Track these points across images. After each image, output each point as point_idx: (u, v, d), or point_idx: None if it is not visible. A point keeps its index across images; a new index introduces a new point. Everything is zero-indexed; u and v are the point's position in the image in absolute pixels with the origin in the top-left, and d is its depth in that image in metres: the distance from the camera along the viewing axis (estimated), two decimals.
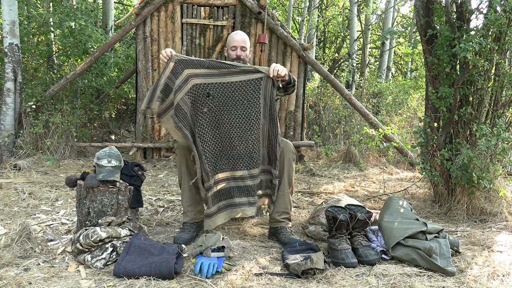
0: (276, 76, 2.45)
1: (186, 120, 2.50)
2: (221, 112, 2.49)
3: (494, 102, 3.30)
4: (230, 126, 2.50)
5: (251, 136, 2.51)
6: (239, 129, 2.50)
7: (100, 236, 2.21)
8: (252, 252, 2.42)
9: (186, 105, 2.49)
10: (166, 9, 5.28)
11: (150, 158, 5.50)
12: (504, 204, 3.14)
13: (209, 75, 2.49)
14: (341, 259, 2.22)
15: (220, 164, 2.53)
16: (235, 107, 2.50)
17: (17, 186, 3.82)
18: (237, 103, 2.49)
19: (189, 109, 2.50)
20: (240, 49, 2.72)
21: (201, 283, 1.99)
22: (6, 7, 5.13)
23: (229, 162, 2.53)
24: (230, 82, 2.49)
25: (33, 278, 1.99)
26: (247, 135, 2.51)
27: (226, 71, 2.49)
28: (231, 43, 2.73)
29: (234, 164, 2.53)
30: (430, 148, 3.35)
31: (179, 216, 3.15)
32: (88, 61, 5.43)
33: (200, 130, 2.49)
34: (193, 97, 2.49)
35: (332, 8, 12.82)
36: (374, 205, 3.54)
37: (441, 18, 3.27)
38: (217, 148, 2.51)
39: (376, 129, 4.86)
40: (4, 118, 5.16)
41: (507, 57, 3.26)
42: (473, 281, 2.05)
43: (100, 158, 2.56)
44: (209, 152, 2.50)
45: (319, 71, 5.64)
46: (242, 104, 2.50)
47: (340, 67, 11.12)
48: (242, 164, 2.53)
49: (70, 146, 5.30)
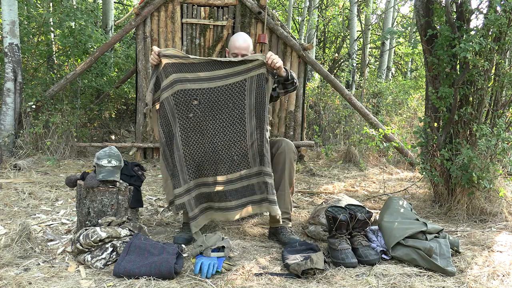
0: (270, 64, 2.42)
1: (164, 119, 2.53)
2: (206, 117, 2.49)
3: (494, 102, 3.30)
4: (214, 131, 2.49)
5: (235, 140, 2.50)
6: (223, 134, 2.50)
7: (100, 236, 2.21)
8: (252, 252, 2.42)
9: (169, 105, 2.50)
10: (166, 9, 5.28)
11: (150, 158, 5.50)
12: (504, 204, 3.14)
13: (197, 80, 2.48)
14: (341, 259, 2.22)
15: (202, 169, 2.52)
16: (220, 112, 2.49)
17: (17, 186, 3.82)
18: (222, 107, 2.49)
19: (171, 111, 2.50)
20: (241, 56, 2.64)
21: (201, 283, 1.99)
22: (6, 7, 5.13)
23: (211, 167, 2.52)
24: (217, 87, 2.48)
25: (33, 278, 1.99)
26: (231, 139, 2.50)
27: (217, 75, 2.47)
28: (233, 49, 2.68)
29: (216, 169, 2.51)
30: (430, 148, 3.35)
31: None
32: (88, 61, 5.43)
33: (183, 134, 2.49)
34: (177, 100, 2.49)
35: (332, 8, 12.82)
36: (374, 205, 3.54)
37: (441, 18, 3.27)
38: (200, 153, 2.51)
39: (376, 129, 4.86)
40: (4, 118, 5.16)
41: (507, 57, 3.26)
42: (473, 281, 2.05)
43: (100, 158, 2.56)
44: (191, 156, 2.50)
45: (319, 71, 5.64)
46: (227, 107, 2.49)
47: (340, 67, 11.11)
48: (224, 169, 2.51)
49: (70, 146, 5.30)
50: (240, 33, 2.79)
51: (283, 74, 2.53)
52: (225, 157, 2.50)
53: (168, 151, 2.55)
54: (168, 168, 2.55)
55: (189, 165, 2.50)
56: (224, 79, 2.48)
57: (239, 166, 2.52)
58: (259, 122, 2.50)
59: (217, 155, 2.50)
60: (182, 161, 2.49)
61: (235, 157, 2.51)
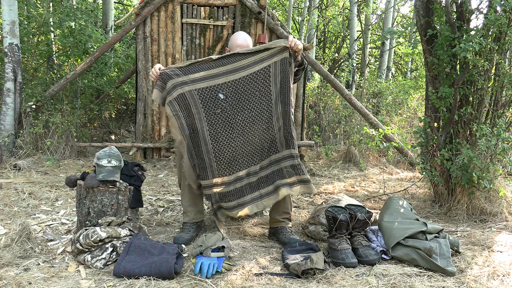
0: (293, 47, 2.43)
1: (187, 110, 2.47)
2: (234, 110, 2.49)
3: (494, 102, 3.30)
4: (243, 123, 2.49)
5: (264, 128, 2.50)
6: (253, 124, 2.50)
7: (100, 236, 2.21)
8: (252, 252, 2.42)
9: (193, 99, 2.47)
10: (166, 9, 5.28)
11: (150, 158, 5.50)
12: (504, 204, 3.14)
13: (221, 75, 2.47)
14: (341, 259, 2.22)
15: (234, 164, 2.50)
16: (247, 102, 2.49)
17: (17, 186, 3.82)
18: (249, 96, 2.49)
19: (195, 105, 2.47)
20: None
21: (201, 283, 2.00)
22: (6, 7, 5.13)
23: (244, 159, 2.51)
24: (242, 78, 2.47)
25: (33, 278, 1.99)
26: (261, 128, 2.50)
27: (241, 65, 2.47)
28: (234, 48, 2.66)
29: (248, 160, 2.51)
30: (430, 148, 3.35)
31: (179, 216, 3.15)
32: (88, 61, 5.43)
33: (212, 129, 2.48)
34: (203, 96, 2.47)
35: (332, 8, 12.81)
36: (374, 205, 3.54)
37: (441, 18, 3.27)
38: (231, 148, 2.50)
39: (376, 129, 4.86)
40: (4, 118, 5.16)
41: (507, 57, 3.26)
42: (473, 281, 2.05)
43: (100, 158, 2.56)
44: (221, 152, 2.49)
45: (319, 71, 5.64)
46: (254, 96, 2.49)
47: (340, 67, 11.11)
48: (257, 159, 2.52)
49: (70, 146, 5.30)
50: (240, 32, 2.78)
51: (299, 59, 2.54)
52: (256, 147, 2.51)
53: (192, 144, 2.50)
54: (191, 159, 2.51)
55: (219, 161, 2.49)
56: (248, 68, 2.48)
57: (269, 152, 2.53)
58: (284, 106, 2.50)
59: (249, 146, 2.51)
60: (211, 156, 2.48)
61: (265, 144, 2.52)
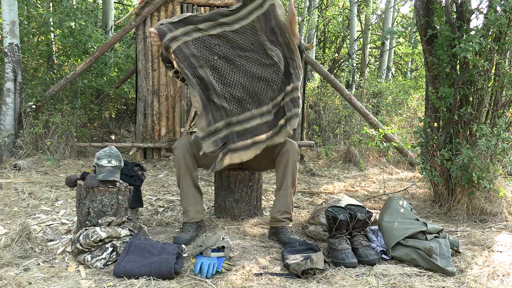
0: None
1: (187, 62, 2.53)
2: (231, 53, 2.55)
3: (494, 102, 3.30)
4: (244, 63, 2.55)
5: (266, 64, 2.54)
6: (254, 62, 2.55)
7: (100, 236, 2.21)
8: (252, 252, 2.42)
9: (188, 49, 2.53)
10: (166, 9, 5.28)
11: (150, 158, 5.50)
12: (504, 204, 3.14)
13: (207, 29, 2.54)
14: (341, 259, 2.22)
15: (245, 103, 2.55)
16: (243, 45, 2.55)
17: (17, 186, 3.82)
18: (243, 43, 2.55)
19: (192, 54, 2.53)
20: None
21: (201, 283, 1.99)
22: (6, 7, 5.13)
23: (253, 99, 2.56)
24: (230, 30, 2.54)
25: (33, 278, 1.99)
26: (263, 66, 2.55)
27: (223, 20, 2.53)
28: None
29: (258, 100, 2.56)
30: (430, 148, 3.35)
31: (179, 216, 3.15)
32: (88, 61, 5.43)
33: (215, 73, 2.54)
34: (198, 45, 2.54)
35: (332, 8, 12.81)
36: (374, 205, 3.54)
37: (441, 18, 3.27)
38: (239, 86, 2.56)
39: (376, 129, 4.86)
40: (4, 118, 5.16)
41: (507, 57, 3.26)
42: (473, 281, 2.05)
43: (100, 158, 2.56)
44: (230, 93, 2.55)
45: (319, 71, 5.64)
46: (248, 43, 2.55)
47: (340, 67, 11.11)
48: (268, 97, 2.55)
49: (70, 146, 5.30)
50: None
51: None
52: (263, 85, 2.56)
53: (201, 89, 2.55)
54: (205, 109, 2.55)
55: (230, 101, 2.54)
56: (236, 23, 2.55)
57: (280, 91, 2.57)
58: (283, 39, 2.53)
59: (256, 84, 2.55)
60: (221, 97, 2.53)
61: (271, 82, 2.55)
